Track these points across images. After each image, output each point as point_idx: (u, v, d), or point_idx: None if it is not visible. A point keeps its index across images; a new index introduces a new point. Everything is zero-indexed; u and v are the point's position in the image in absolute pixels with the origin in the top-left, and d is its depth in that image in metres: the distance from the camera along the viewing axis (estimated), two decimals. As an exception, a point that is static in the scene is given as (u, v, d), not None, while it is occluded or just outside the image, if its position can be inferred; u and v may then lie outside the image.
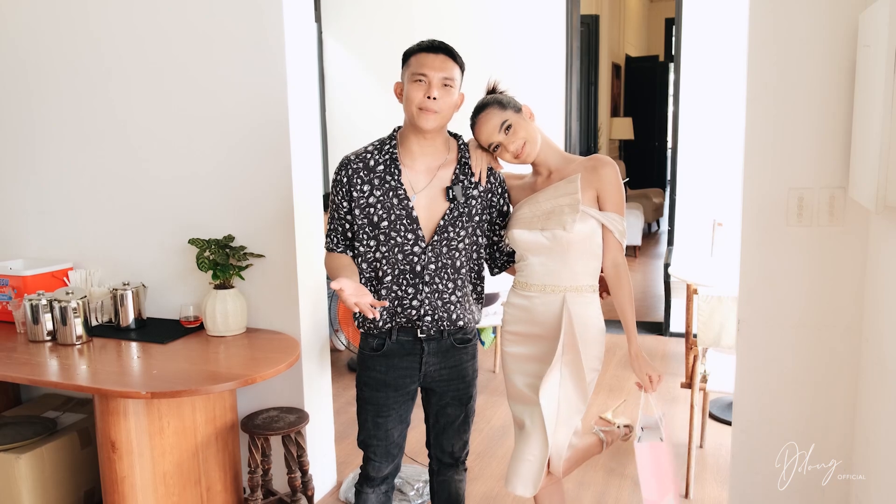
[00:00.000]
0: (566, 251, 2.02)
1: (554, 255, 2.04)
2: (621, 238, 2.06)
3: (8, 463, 2.62)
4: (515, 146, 2.04)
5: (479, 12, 5.27)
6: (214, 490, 2.64)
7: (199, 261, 2.73)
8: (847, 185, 1.99)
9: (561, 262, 2.04)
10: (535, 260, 2.07)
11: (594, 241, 2.04)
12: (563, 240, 2.00)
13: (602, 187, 2.03)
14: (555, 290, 2.05)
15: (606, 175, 2.03)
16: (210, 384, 2.31)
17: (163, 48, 2.87)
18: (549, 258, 2.05)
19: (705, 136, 5.07)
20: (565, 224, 1.98)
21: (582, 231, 2.00)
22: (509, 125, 2.03)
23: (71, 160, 3.12)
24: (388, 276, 2.04)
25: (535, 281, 2.08)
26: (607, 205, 2.04)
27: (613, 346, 5.14)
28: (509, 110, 2.04)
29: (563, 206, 2.00)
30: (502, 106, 2.05)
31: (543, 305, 2.07)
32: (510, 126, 2.03)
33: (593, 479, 3.20)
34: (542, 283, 2.07)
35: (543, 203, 2.04)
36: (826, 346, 2.10)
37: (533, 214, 2.05)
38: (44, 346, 2.74)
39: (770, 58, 2.03)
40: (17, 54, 3.13)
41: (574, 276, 2.05)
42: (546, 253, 2.04)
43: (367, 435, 2.17)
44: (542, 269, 2.07)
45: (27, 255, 3.28)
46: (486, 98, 2.10)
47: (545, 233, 2.01)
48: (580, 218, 1.99)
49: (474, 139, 2.13)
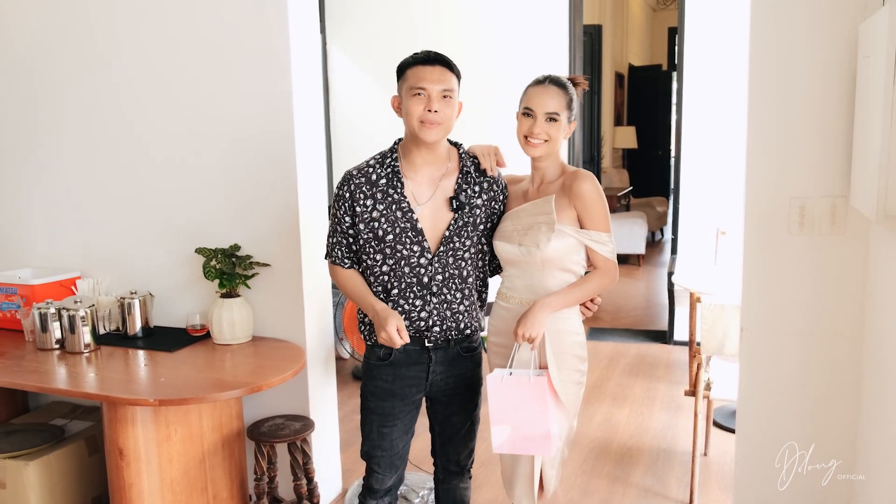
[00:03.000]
0: (541, 267, 2.02)
1: (530, 269, 2.04)
2: (609, 255, 2.03)
3: (16, 470, 2.64)
4: (541, 137, 2.02)
5: (483, 22, 5.30)
6: (221, 497, 2.65)
7: (206, 270, 2.75)
8: (848, 194, 2.01)
9: (537, 278, 2.04)
10: (514, 272, 2.09)
11: (570, 258, 2.02)
12: (537, 256, 2.00)
13: (580, 204, 2.00)
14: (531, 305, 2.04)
15: (584, 191, 1.99)
16: (217, 392, 2.33)
17: (170, 59, 2.90)
18: (525, 272, 2.05)
19: (708, 144, 5.08)
20: (539, 242, 1.98)
21: (556, 248, 1.99)
22: (556, 119, 2.02)
23: (78, 169, 3.14)
24: (395, 290, 2.05)
25: (514, 294, 2.09)
26: (587, 222, 2.01)
27: (617, 355, 5.15)
28: (566, 111, 2.03)
29: (540, 223, 2.00)
30: (567, 104, 2.03)
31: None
32: (555, 120, 2.02)
33: (597, 486, 3.20)
34: (520, 296, 2.07)
35: (524, 218, 2.04)
36: (828, 353, 2.11)
37: (514, 228, 2.05)
38: (52, 354, 2.76)
39: (771, 67, 2.05)
40: (24, 64, 3.16)
41: (548, 293, 2.03)
42: (523, 267, 2.05)
43: (372, 445, 2.17)
44: (520, 283, 2.08)
45: (35, 263, 3.30)
46: (564, 82, 2.06)
47: (521, 248, 2.01)
48: (556, 236, 1.97)
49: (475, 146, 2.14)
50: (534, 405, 1.97)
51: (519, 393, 1.97)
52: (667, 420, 3.94)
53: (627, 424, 3.88)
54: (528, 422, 1.98)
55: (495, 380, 1.98)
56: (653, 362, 4.99)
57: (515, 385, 1.97)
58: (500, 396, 1.97)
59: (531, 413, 1.97)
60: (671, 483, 3.23)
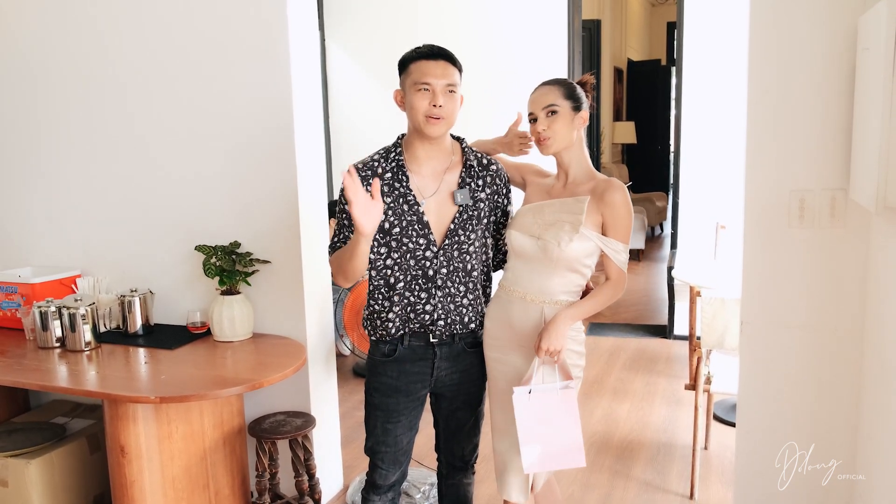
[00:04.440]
0: (553, 265, 2.00)
1: (539, 265, 2.02)
2: (623, 266, 2.02)
3: (18, 468, 2.64)
4: (544, 133, 2.02)
5: (482, 17, 5.29)
6: (223, 494, 2.65)
7: (206, 267, 2.75)
8: (848, 187, 2.01)
9: (545, 275, 2.02)
10: (521, 265, 2.07)
11: (583, 261, 2.01)
12: (553, 254, 1.98)
13: (609, 213, 1.99)
14: (534, 301, 2.03)
15: (616, 202, 1.98)
16: (218, 389, 2.33)
17: (169, 56, 2.90)
18: (534, 267, 2.04)
19: (708, 139, 5.08)
20: (560, 241, 1.96)
21: (575, 249, 1.97)
22: (555, 111, 2.01)
23: (78, 168, 3.14)
24: (400, 283, 2.05)
25: (516, 287, 2.07)
26: (611, 231, 2.00)
27: (617, 350, 5.16)
28: (567, 101, 2.03)
29: (564, 222, 1.98)
30: (566, 94, 2.03)
31: (521, 313, 2.05)
32: (555, 112, 2.01)
33: (598, 480, 3.21)
34: (522, 290, 2.06)
35: (548, 215, 2.03)
36: (829, 347, 2.11)
37: (535, 222, 2.04)
38: (53, 352, 2.76)
39: (770, 61, 2.05)
40: (26, 63, 3.16)
41: (553, 292, 2.02)
42: (534, 262, 2.03)
43: (376, 441, 2.17)
44: (525, 277, 2.06)
45: (35, 262, 3.31)
46: (562, 79, 2.08)
47: (539, 242, 2.00)
48: (578, 238, 1.97)
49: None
50: (565, 418, 1.96)
51: (548, 407, 1.95)
52: (667, 414, 3.94)
53: (628, 419, 3.89)
54: (558, 436, 1.97)
55: (521, 398, 1.95)
56: (653, 357, 4.99)
57: (543, 400, 1.95)
58: (529, 414, 1.95)
59: (561, 426, 1.96)
60: (672, 477, 3.24)
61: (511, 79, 5.24)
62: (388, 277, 2.06)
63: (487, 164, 2.12)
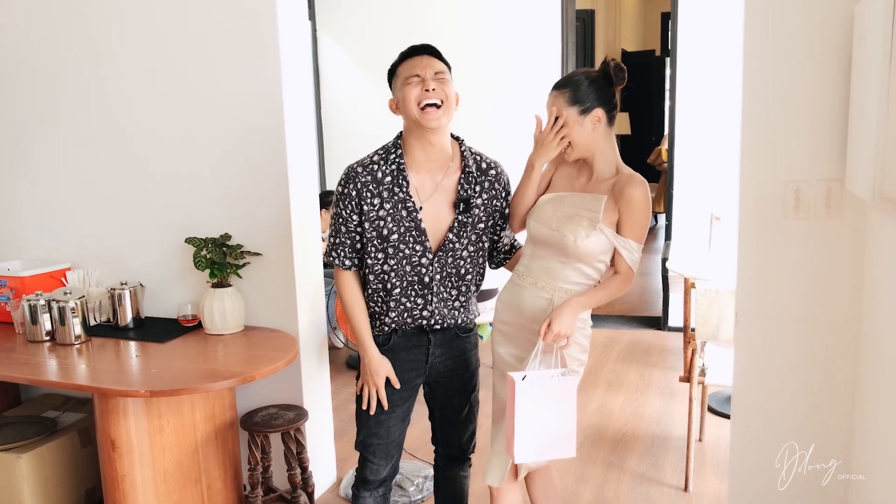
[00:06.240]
0: (566, 257, 2.00)
1: (555, 256, 2.02)
2: (634, 264, 2.00)
3: (9, 463, 2.62)
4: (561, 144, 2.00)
5: (476, 7, 5.26)
6: (215, 488, 2.64)
7: (196, 260, 2.73)
8: (843, 177, 1.99)
9: (559, 265, 2.02)
10: (538, 254, 2.06)
11: (597, 256, 2.00)
12: (569, 248, 1.97)
13: (626, 208, 1.96)
14: (545, 289, 2.03)
15: (634, 197, 1.95)
16: (209, 382, 2.32)
17: (159, 49, 2.86)
18: (549, 257, 2.04)
19: (702, 130, 5.07)
20: (577, 235, 1.95)
21: (589, 246, 1.96)
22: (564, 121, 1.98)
23: (68, 161, 3.11)
24: (397, 289, 2.05)
25: (530, 274, 2.07)
26: (626, 228, 1.97)
27: (612, 342, 5.16)
28: (573, 108, 1.97)
29: (582, 217, 1.97)
30: (570, 100, 1.97)
31: (532, 299, 2.05)
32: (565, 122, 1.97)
33: (592, 473, 3.21)
34: (535, 276, 2.06)
35: (567, 208, 2.01)
36: (824, 339, 2.10)
37: (553, 213, 2.03)
38: (43, 346, 2.74)
39: (765, 50, 2.03)
40: (14, 55, 3.12)
41: (566, 282, 2.02)
42: (549, 252, 2.03)
43: (368, 434, 2.16)
44: (539, 265, 2.06)
45: (25, 255, 3.27)
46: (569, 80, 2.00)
47: (556, 233, 1.99)
48: (594, 234, 1.95)
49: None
50: (563, 406, 1.94)
51: (548, 394, 1.92)
52: (662, 406, 3.94)
53: (622, 411, 3.89)
54: (553, 424, 1.94)
55: (520, 383, 1.90)
56: (647, 348, 4.99)
57: (544, 386, 1.92)
58: (527, 400, 1.90)
59: (558, 415, 1.94)
60: (666, 469, 3.24)
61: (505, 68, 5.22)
62: (386, 283, 2.06)
63: (486, 169, 2.11)
